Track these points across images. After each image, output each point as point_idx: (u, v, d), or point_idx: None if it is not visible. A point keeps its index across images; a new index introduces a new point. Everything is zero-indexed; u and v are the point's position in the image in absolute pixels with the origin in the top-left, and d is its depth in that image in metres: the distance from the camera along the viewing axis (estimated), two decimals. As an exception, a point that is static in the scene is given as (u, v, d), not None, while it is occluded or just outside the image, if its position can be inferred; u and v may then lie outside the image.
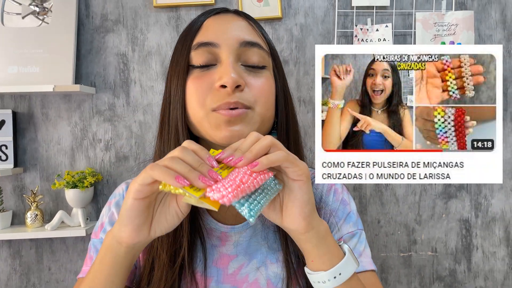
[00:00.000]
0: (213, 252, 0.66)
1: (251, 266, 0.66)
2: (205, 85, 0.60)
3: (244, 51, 0.62)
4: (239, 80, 0.59)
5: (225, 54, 0.61)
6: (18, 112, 1.51)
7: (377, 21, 1.51)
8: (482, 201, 1.54)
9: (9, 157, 1.47)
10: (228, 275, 0.65)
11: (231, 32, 0.62)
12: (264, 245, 0.67)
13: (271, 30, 1.52)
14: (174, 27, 1.52)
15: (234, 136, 0.59)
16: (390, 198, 1.54)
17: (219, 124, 0.59)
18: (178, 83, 0.63)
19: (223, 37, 0.62)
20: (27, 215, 1.44)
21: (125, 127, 1.53)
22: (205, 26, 0.64)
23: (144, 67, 1.52)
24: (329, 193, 0.73)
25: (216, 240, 0.67)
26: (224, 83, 0.58)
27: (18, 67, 1.45)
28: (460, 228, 1.54)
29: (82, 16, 1.52)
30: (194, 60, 0.62)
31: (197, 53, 0.62)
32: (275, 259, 0.66)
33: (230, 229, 0.67)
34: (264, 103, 0.62)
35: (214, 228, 0.67)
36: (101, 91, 1.52)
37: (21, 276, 1.53)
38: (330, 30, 1.52)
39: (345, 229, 0.70)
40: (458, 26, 1.48)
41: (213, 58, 0.62)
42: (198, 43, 0.62)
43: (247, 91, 0.60)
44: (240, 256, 0.66)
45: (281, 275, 0.65)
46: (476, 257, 1.55)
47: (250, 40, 0.63)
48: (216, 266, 0.66)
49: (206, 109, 0.60)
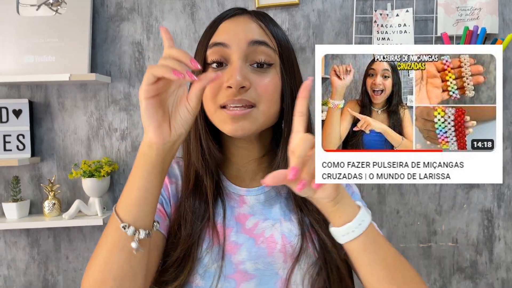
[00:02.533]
0: (233, 211, 0.74)
1: (267, 223, 0.73)
2: (217, 84, 0.68)
3: (252, 51, 0.69)
4: (243, 82, 0.66)
5: (235, 55, 0.68)
6: (34, 101, 1.51)
7: (397, 6, 1.47)
8: (505, 191, 1.50)
9: (26, 147, 1.47)
10: (246, 229, 0.72)
11: (241, 33, 0.70)
12: (278, 207, 0.75)
13: (288, 16, 1.49)
14: (189, 14, 1.50)
15: (238, 130, 0.67)
16: (409, 188, 1.51)
17: (225, 120, 0.68)
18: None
19: (233, 38, 0.69)
20: (45, 204, 1.45)
21: (140, 117, 1.51)
22: (220, 28, 0.72)
23: (159, 55, 1.51)
24: None
25: (234, 202, 0.75)
26: (230, 84, 0.66)
27: (34, 56, 1.45)
28: (482, 218, 1.51)
29: (97, 4, 1.51)
30: (209, 58, 0.71)
31: (211, 52, 0.70)
32: (289, 219, 0.73)
33: (246, 192, 0.75)
34: (267, 101, 0.69)
35: (232, 191, 0.76)
36: (116, 80, 1.51)
37: (39, 265, 1.54)
38: (348, 15, 1.48)
39: None
40: (481, 10, 1.43)
41: (225, 59, 0.70)
42: (213, 42, 0.71)
43: (252, 90, 0.68)
44: (257, 215, 0.74)
45: (296, 232, 0.72)
46: (498, 248, 1.51)
47: (257, 39, 0.70)
48: (235, 220, 0.73)
49: (216, 105, 0.68)
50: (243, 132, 0.68)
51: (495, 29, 1.43)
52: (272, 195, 0.76)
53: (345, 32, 1.49)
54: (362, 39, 1.48)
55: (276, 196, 0.76)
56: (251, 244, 0.71)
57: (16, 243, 1.53)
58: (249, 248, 0.70)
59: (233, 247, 0.71)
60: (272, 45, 0.71)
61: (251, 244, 0.71)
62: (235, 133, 0.68)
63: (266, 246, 0.71)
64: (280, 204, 0.75)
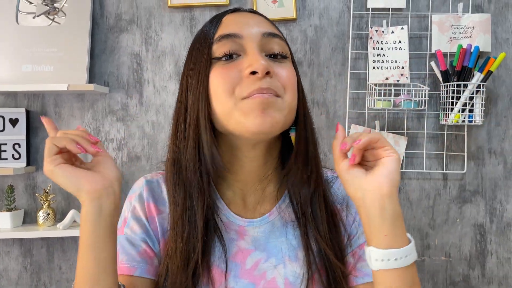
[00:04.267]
0: (231, 246, 0.66)
1: (269, 263, 0.65)
2: (233, 74, 0.60)
3: (267, 42, 0.63)
4: (269, 67, 0.59)
5: (250, 44, 0.61)
6: (31, 110, 1.51)
7: (393, 23, 1.50)
8: (497, 206, 1.52)
9: (22, 156, 1.47)
10: (245, 270, 0.65)
11: (252, 25, 0.63)
12: (283, 241, 0.66)
13: (285, 31, 1.51)
14: (188, 27, 1.51)
15: (266, 122, 0.58)
16: (403, 202, 1.52)
17: (253, 109, 0.58)
18: (200, 79, 0.62)
19: (245, 29, 0.62)
20: (39, 214, 1.44)
21: (137, 127, 1.52)
22: (224, 22, 0.65)
23: (158, 67, 1.52)
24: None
25: (234, 234, 0.66)
26: (255, 69, 0.58)
27: (32, 65, 1.45)
28: (474, 233, 1.52)
29: (97, 15, 1.52)
30: (217, 52, 0.62)
31: (220, 45, 0.62)
32: (294, 256, 0.65)
33: (248, 223, 0.67)
34: (292, 91, 0.62)
35: (232, 221, 0.67)
36: (114, 90, 1.52)
37: (31, 275, 1.52)
38: (344, 31, 1.51)
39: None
40: (474, 29, 1.47)
41: (238, 49, 0.62)
42: (220, 35, 0.62)
43: (275, 80, 0.60)
44: (258, 251, 0.66)
45: (301, 275, 0.64)
46: (490, 262, 1.53)
47: (271, 31, 0.64)
48: (234, 261, 0.65)
49: (235, 99, 0.59)
50: (272, 125, 0.58)
51: (487, 47, 1.47)
52: (277, 225, 0.68)
53: (341, 47, 1.51)
54: (358, 54, 1.51)
55: (282, 225, 0.68)
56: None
57: (9, 253, 1.52)
58: None
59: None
60: (284, 39, 0.66)
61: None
62: (262, 126, 0.58)
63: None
64: (286, 236, 0.67)
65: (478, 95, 1.40)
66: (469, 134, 1.51)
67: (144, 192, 0.69)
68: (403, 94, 1.44)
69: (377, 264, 0.55)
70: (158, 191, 0.70)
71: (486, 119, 1.51)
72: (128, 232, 0.67)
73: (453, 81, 1.40)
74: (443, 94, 1.45)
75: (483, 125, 1.51)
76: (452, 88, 1.39)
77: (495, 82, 1.50)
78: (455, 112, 1.40)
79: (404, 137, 1.49)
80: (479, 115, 1.41)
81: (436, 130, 1.51)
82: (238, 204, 0.68)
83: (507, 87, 1.50)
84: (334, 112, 1.52)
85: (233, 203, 0.68)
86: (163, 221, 0.67)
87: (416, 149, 1.51)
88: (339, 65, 1.52)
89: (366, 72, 1.50)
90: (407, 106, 1.41)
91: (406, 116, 1.51)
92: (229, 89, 0.59)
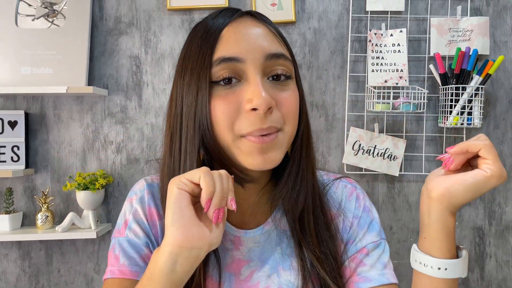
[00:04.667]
0: (226, 256, 0.65)
1: (263, 272, 0.65)
2: (233, 107, 0.56)
3: (270, 64, 0.59)
4: (271, 101, 0.55)
5: (252, 70, 0.57)
6: (30, 113, 1.51)
7: (392, 26, 1.50)
8: (496, 209, 1.52)
9: (20, 158, 1.47)
10: (240, 281, 0.64)
11: (255, 43, 0.58)
12: (278, 250, 0.66)
13: (284, 34, 1.50)
14: (187, 30, 1.52)
15: (267, 163, 0.57)
16: (402, 204, 1.52)
17: (252, 152, 0.57)
18: (200, 100, 0.58)
19: (247, 50, 0.58)
20: (38, 217, 1.44)
21: (136, 130, 1.52)
22: (225, 37, 0.59)
23: (157, 69, 1.52)
24: (351, 198, 0.71)
25: (229, 243, 0.66)
26: (256, 105, 0.54)
27: (31, 68, 1.45)
28: (473, 236, 1.52)
29: (96, 18, 1.52)
30: (215, 76, 0.58)
31: (219, 69, 0.57)
32: (288, 265, 0.65)
33: (243, 233, 0.66)
34: (292, 122, 0.60)
35: (227, 231, 0.66)
36: (113, 93, 1.52)
37: (30, 278, 1.52)
38: (344, 34, 1.51)
39: (369, 238, 0.68)
40: (473, 32, 1.47)
41: (238, 74, 0.58)
42: (220, 58, 0.57)
43: (276, 111, 0.57)
44: (253, 262, 0.66)
45: (295, 283, 0.64)
46: (489, 265, 1.53)
47: (275, 52, 0.59)
48: (228, 272, 0.65)
49: (234, 134, 0.57)
50: (271, 165, 0.58)
51: (486, 50, 1.47)
52: (273, 235, 0.67)
53: (340, 50, 1.52)
54: (357, 57, 1.51)
55: (277, 235, 0.67)
56: None
57: (7, 256, 1.51)
58: None
59: None
60: (288, 56, 0.61)
61: None
62: (263, 167, 0.57)
63: None
64: (281, 245, 0.66)
65: (476, 98, 1.41)
66: (468, 136, 1.51)
67: (146, 195, 0.68)
68: (402, 97, 1.45)
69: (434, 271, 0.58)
70: (157, 195, 0.69)
71: (485, 121, 1.51)
72: (129, 235, 0.66)
73: (451, 84, 1.40)
74: (442, 97, 1.45)
75: (482, 127, 1.51)
76: (451, 91, 1.39)
77: (494, 85, 1.51)
78: (454, 114, 1.41)
79: (403, 139, 1.49)
80: (478, 117, 1.41)
81: (435, 132, 1.51)
82: (233, 215, 0.67)
83: (505, 90, 1.51)
84: (333, 115, 1.52)
85: (229, 214, 0.66)
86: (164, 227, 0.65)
87: (415, 151, 1.51)
88: (338, 68, 1.52)
89: (365, 74, 1.50)
90: (406, 109, 1.41)
91: (405, 118, 1.51)
92: (229, 124, 0.57)
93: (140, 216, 0.67)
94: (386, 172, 1.49)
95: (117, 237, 0.67)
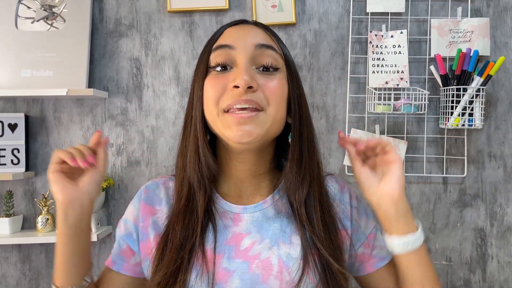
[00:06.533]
0: (226, 232, 0.70)
1: (264, 244, 0.68)
2: (220, 86, 0.65)
3: (259, 54, 0.67)
4: (251, 81, 0.63)
5: (241, 56, 0.66)
6: (30, 115, 1.51)
7: (392, 28, 1.50)
8: (498, 210, 1.52)
9: (20, 161, 1.46)
10: (240, 251, 0.68)
11: (247, 37, 0.68)
12: (277, 227, 0.70)
13: (285, 35, 1.51)
14: (187, 32, 1.51)
15: (244, 135, 0.63)
16: (404, 206, 1.52)
17: (231, 125, 0.64)
18: (198, 84, 0.69)
19: (240, 41, 0.67)
20: (38, 220, 1.43)
21: (137, 132, 1.52)
22: (225, 33, 0.71)
23: (157, 71, 1.52)
24: (344, 191, 0.78)
25: (229, 221, 0.71)
26: (237, 83, 0.63)
27: (31, 70, 1.45)
28: (475, 237, 1.52)
29: (96, 20, 1.52)
30: (212, 62, 0.68)
31: (215, 55, 0.68)
32: (288, 241, 0.69)
33: (242, 209, 0.72)
34: (275, 104, 0.66)
35: (227, 210, 0.72)
36: (113, 95, 1.52)
37: (30, 281, 1.51)
38: (344, 36, 1.51)
39: (371, 224, 0.78)
40: (473, 33, 1.47)
41: (230, 61, 0.67)
42: (217, 45, 0.69)
43: (259, 92, 0.65)
44: (253, 234, 0.70)
45: (295, 255, 0.68)
46: (491, 267, 1.52)
47: (264, 43, 0.68)
48: (227, 245, 0.69)
49: (218, 109, 0.65)
50: (249, 138, 0.63)
51: (487, 51, 1.47)
52: (271, 213, 0.72)
53: (341, 51, 1.51)
54: (358, 59, 1.51)
55: (275, 214, 0.71)
56: (245, 270, 0.66)
57: (8, 259, 1.51)
58: (241, 275, 0.66)
59: (224, 274, 0.66)
60: (278, 50, 0.69)
61: (245, 270, 0.66)
62: (241, 139, 0.63)
63: (261, 271, 0.66)
64: (280, 223, 0.70)
65: (477, 99, 1.40)
66: (469, 138, 1.51)
67: (142, 194, 0.77)
68: (403, 98, 1.44)
69: (399, 249, 0.67)
70: (156, 191, 0.77)
71: (486, 123, 1.51)
72: (117, 233, 0.78)
73: (452, 85, 1.40)
74: (442, 98, 1.45)
75: (483, 129, 1.51)
76: (451, 92, 1.39)
77: (495, 86, 1.51)
78: (455, 116, 1.40)
79: (404, 141, 1.49)
80: (479, 119, 1.41)
81: (436, 134, 1.51)
82: (233, 196, 0.74)
83: (506, 91, 1.51)
84: (334, 116, 1.52)
85: (229, 195, 0.74)
86: (158, 219, 0.74)
87: (416, 153, 1.51)
88: (338, 69, 1.52)
89: (365, 76, 1.50)
90: (407, 110, 1.41)
91: (406, 120, 1.51)
92: (214, 99, 0.65)
93: (129, 216, 0.77)
94: (387, 174, 1.48)
95: (117, 234, 0.79)
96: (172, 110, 1.52)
